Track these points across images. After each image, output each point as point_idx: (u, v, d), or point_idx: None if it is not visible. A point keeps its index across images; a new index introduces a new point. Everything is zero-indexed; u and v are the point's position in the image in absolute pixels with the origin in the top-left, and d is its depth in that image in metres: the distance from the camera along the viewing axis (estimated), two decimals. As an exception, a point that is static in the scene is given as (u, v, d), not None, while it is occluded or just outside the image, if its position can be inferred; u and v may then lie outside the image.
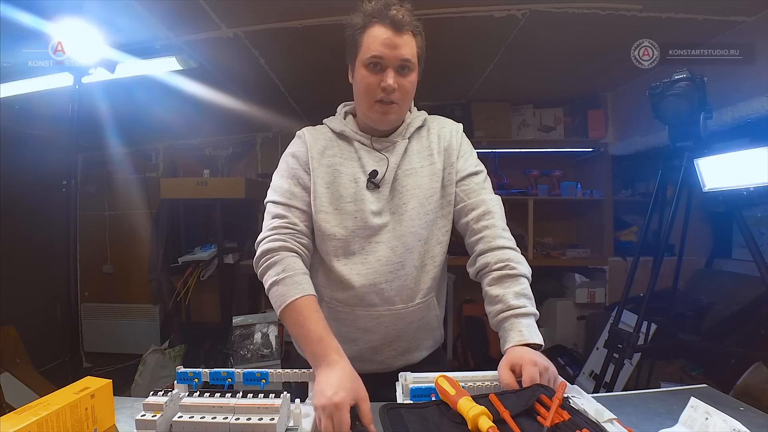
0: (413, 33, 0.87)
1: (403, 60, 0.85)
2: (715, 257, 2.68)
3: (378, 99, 0.87)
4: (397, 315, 0.91)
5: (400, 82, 0.87)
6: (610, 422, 0.62)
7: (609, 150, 2.88)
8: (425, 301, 0.94)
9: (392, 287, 0.89)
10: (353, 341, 0.93)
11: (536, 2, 1.67)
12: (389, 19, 0.84)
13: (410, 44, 0.86)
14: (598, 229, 2.96)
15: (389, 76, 0.85)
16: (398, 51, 0.84)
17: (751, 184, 1.43)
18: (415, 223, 0.90)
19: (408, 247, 0.90)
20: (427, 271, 0.93)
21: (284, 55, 2.08)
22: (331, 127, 0.97)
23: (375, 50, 0.85)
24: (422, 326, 0.96)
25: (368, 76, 0.87)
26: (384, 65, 0.85)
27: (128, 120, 2.57)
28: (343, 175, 0.91)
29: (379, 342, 0.93)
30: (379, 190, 0.90)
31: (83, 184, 3.12)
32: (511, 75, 2.43)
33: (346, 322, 0.92)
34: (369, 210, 0.89)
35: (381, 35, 0.84)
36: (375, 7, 0.85)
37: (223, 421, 0.61)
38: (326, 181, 0.91)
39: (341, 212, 0.90)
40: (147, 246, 3.04)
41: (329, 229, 0.89)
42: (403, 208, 0.90)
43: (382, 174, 0.90)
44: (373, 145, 0.93)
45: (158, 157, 3.35)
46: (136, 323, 3.21)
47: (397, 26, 0.84)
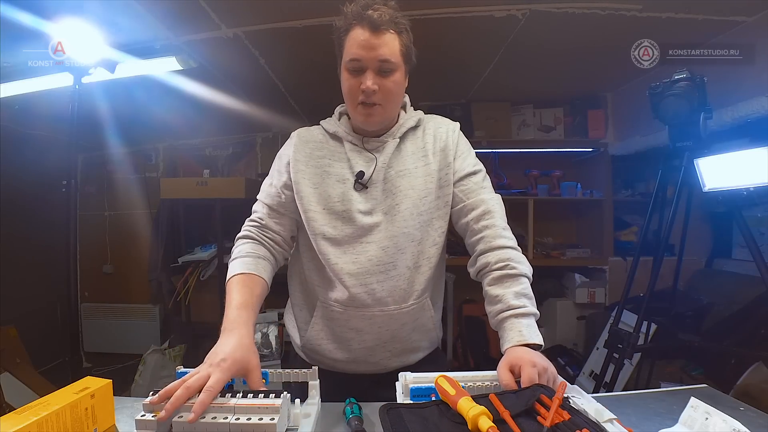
0: (396, 31, 0.86)
1: (382, 61, 0.84)
2: (715, 257, 2.68)
3: (360, 101, 0.87)
4: (389, 316, 0.91)
5: (382, 83, 0.86)
6: (610, 422, 0.62)
7: (609, 150, 2.87)
8: (419, 303, 0.94)
9: (384, 288, 0.89)
10: (347, 341, 0.93)
11: (536, 2, 1.67)
12: (367, 20, 0.83)
13: (390, 44, 0.85)
14: (598, 229, 2.96)
15: (368, 78, 0.85)
16: (376, 52, 0.83)
17: (751, 184, 1.43)
18: (408, 224, 0.90)
19: (400, 248, 0.90)
20: (422, 272, 0.92)
21: (284, 55, 2.08)
22: (325, 128, 0.98)
23: (353, 53, 0.84)
24: (417, 327, 0.96)
25: (349, 78, 0.87)
26: (363, 67, 0.85)
27: (128, 120, 2.57)
28: (332, 175, 0.92)
29: (372, 342, 0.93)
30: (367, 191, 0.91)
31: (83, 184, 3.11)
32: (511, 75, 2.42)
33: (339, 322, 0.93)
34: (356, 209, 0.89)
35: (359, 37, 0.84)
36: (354, 9, 0.85)
37: (223, 421, 0.61)
38: (314, 182, 0.92)
39: (330, 212, 0.90)
40: (147, 246, 3.05)
41: (318, 228, 0.90)
42: (396, 209, 0.90)
43: (369, 174, 0.90)
44: (364, 145, 0.94)
45: (158, 157, 3.35)
46: (136, 323, 3.21)
47: (374, 27, 0.83)
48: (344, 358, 0.95)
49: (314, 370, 0.76)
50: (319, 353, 0.96)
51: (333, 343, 0.94)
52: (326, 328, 0.94)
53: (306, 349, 0.98)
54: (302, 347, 0.99)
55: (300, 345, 1.00)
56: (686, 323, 2.17)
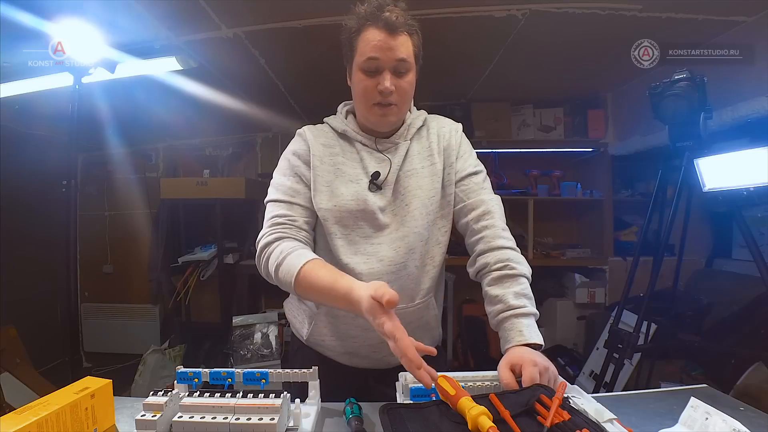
0: (409, 33, 0.86)
1: (399, 61, 0.85)
2: (715, 257, 2.68)
3: (376, 102, 0.87)
4: (397, 315, 0.91)
5: (398, 84, 0.86)
6: (610, 422, 0.62)
7: (609, 150, 2.88)
8: (425, 302, 0.94)
9: (394, 287, 0.89)
10: (352, 338, 0.94)
11: (536, 2, 1.67)
12: (383, 21, 0.83)
13: (406, 45, 0.86)
14: (598, 229, 2.96)
15: (386, 78, 0.85)
16: (393, 53, 0.84)
17: (751, 184, 1.43)
18: (418, 224, 0.90)
19: (410, 248, 0.90)
20: (427, 271, 0.93)
21: (284, 55, 2.08)
22: (332, 126, 0.97)
23: (370, 53, 0.85)
24: (421, 326, 0.96)
25: (365, 79, 0.87)
26: (380, 68, 0.85)
27: (128, 120, 2.57)
28: (345, 174, 0.92)
29: (377, 340, 0.93)
30: (381, 191, 0.91)
31: (83, 184, 3.11)
32: (511, 75, 2.42)
33: (346, 320, 0.93)
34: (373, 209, 0.89)
35: (375, 38, 0.84)
36: (368, 10, 0.85)
37: (223, 421, 0.61)
38: (327, 180, 0.91)
39: (342, 210, 0.90)
40: (147, 246, 3.05)
41: (329, 227, 0.90)
42: (406, 209, 0.91)
43: (385, 175, 0.91)
44: (376, 146, 0.94)
45: (158, 157, 3.35)
46: (136, 323, 3.21)
47: (391, 28, 0.84)
48: (345, 352, 0.96)
49: (314, 370, 0.75)
50: (322, 346, 0.97)
51: (337, 339, 0.95)
52: (330, 325, 0.95)
53: (310, 342, 0.99)
54: (306, 340, 1.00)
55: (304, 338, 1.00)
56: (686, 323, 2.17)
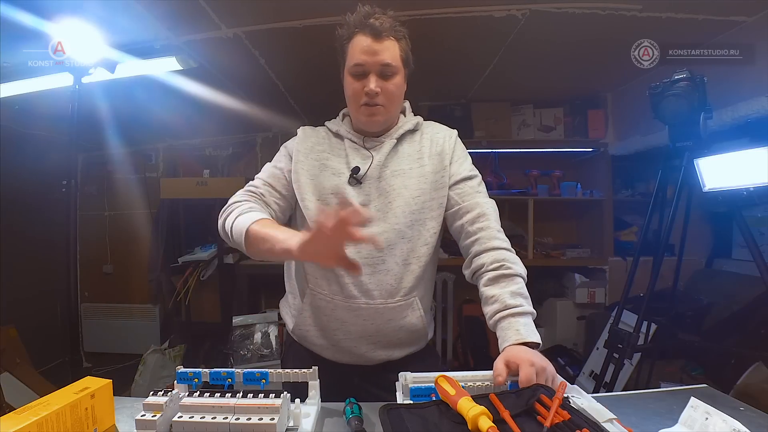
0: (396, 38, 0.92)
1: (384, 65, 0.91)
2: (715, 257, 2.68)
3: (363, 103, 0.93)
4: (375, 309, 0.93)
5: (384, 86, 0.92)
6: (610, 422, 0.62)
7: (609, 150, 2.87)
8: (407, 300, 0.95)
9: (371, 281, 0.93)
10: (332, 331, 0.96)
11: (536, 2, 1.67)
12: (369, 27, 0.90)
13: (391, 49, 0.92)
14: (598, 229, 2.96)
15: (371, 81, 0.91)
16: (378, 57, 0.90)
17: (751, 184, 1.44)
18: (400, 221, 0.93)
19: (390, 244, 0.92)
20: (411, 270, 0.94)
21: (284, 55, 2.08)
22: (329, 128, 1.04)
23: (357, 58, 0.91)
24: (404, 326, 0.96)
25: (353, 82, 0.93)
26: (366, 71, 0.91)
27: (128, 120, 2.57)
28: (329, 168, 0.97)
29: (357, 334, 0.95)
30: (361, 186, 0.94)
31: (83, 184, 3.11)
32: (511, 75, 2.42)
33: (326, 311, 0.95)
34: (348, 203, 0.91)
35: (362, 44, 0.91)
36: (357, 18, 0.92)
37: (223, 421, 0.61)
38: (311, 173, 0.96)
39: (324, 203, 0.94)
40: (147, 246, 3.05)
41: (311, 216, 0.93)
42: (389, 206, 0.94)
43: (365, 170, 0.94)
44: (363, 144, 0.98)
45: (158, 157, 3.35)
46: (136, 323, 3.21)
47: (376, 34, 0.90)
48: (329, 346, 0.97)
49: (314, 370, 0.76)
50: (307, 340, 1.00)
51: (319, 331, 0.98)
52: (313, 316, 0.98)
53: (295, 335, 1.02)
54: (293, 331, 1.02)
55: (291, 329, 1.03)
56: (686, 323, 2.17)
